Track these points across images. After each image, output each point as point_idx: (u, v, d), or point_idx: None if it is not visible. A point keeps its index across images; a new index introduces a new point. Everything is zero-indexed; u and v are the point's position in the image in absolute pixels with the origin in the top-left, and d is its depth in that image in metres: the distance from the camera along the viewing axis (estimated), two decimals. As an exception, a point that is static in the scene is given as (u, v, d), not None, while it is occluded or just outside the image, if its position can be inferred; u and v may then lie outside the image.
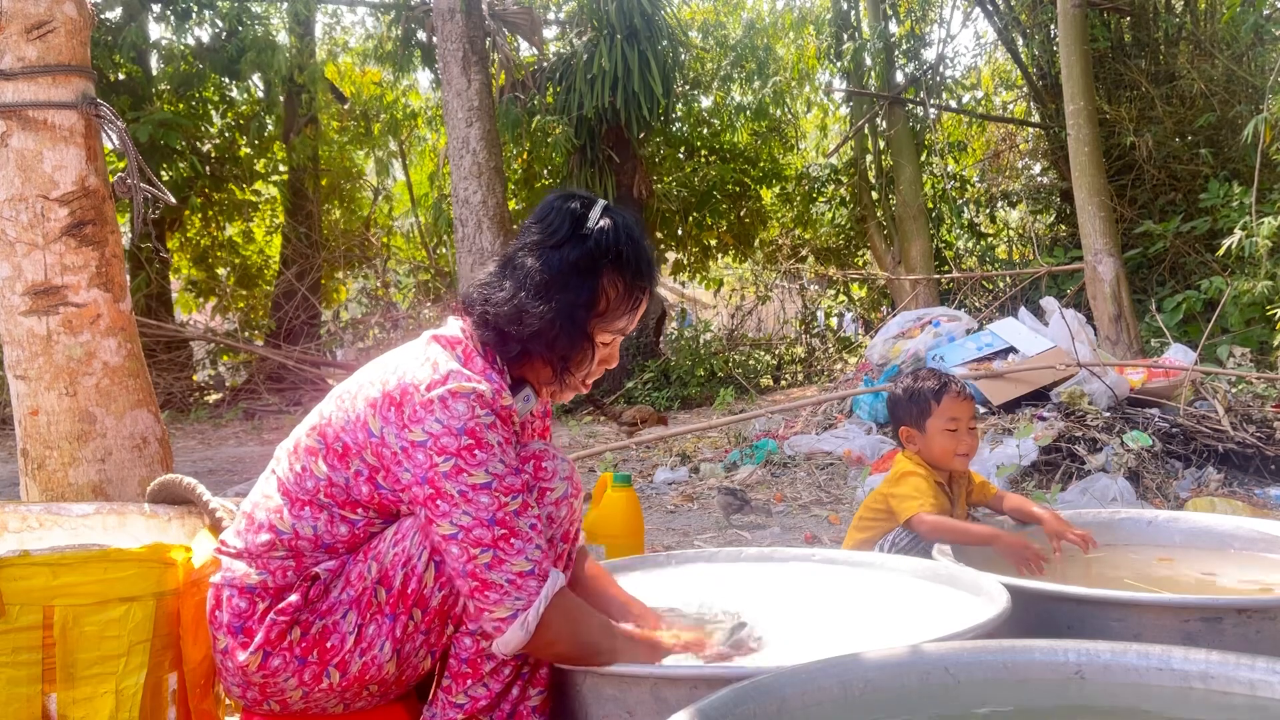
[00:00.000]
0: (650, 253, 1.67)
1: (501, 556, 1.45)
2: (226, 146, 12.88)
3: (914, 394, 2.60)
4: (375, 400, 1.53)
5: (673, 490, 4.98)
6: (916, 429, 2.59)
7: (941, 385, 2.58)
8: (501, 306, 1.58)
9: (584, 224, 1.61)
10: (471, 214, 8.51)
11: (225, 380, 12.20)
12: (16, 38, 2.45)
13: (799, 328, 13.25)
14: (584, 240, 1.59)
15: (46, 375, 2.48)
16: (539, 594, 1.46)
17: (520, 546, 1.46)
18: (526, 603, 1.45)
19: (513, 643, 1.47)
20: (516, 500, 1.48)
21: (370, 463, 1.54)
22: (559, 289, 1.58)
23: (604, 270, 1.60)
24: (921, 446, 2.58)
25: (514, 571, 1.45)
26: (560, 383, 1.66)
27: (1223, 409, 4.70)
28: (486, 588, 1.46)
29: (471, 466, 1.46)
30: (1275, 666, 1.23)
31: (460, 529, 1.46)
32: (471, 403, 1.47)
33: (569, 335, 1.58)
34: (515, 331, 1.58)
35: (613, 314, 1.62)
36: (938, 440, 2.55)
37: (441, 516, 1.47)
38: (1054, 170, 10.80)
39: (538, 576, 1.46)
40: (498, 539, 1.45)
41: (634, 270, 1.62)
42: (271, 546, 1.56)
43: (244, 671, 1.54)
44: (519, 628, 1.46)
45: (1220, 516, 2.61)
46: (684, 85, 12.41)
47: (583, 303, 1.58)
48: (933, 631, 1.54)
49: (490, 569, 1.45)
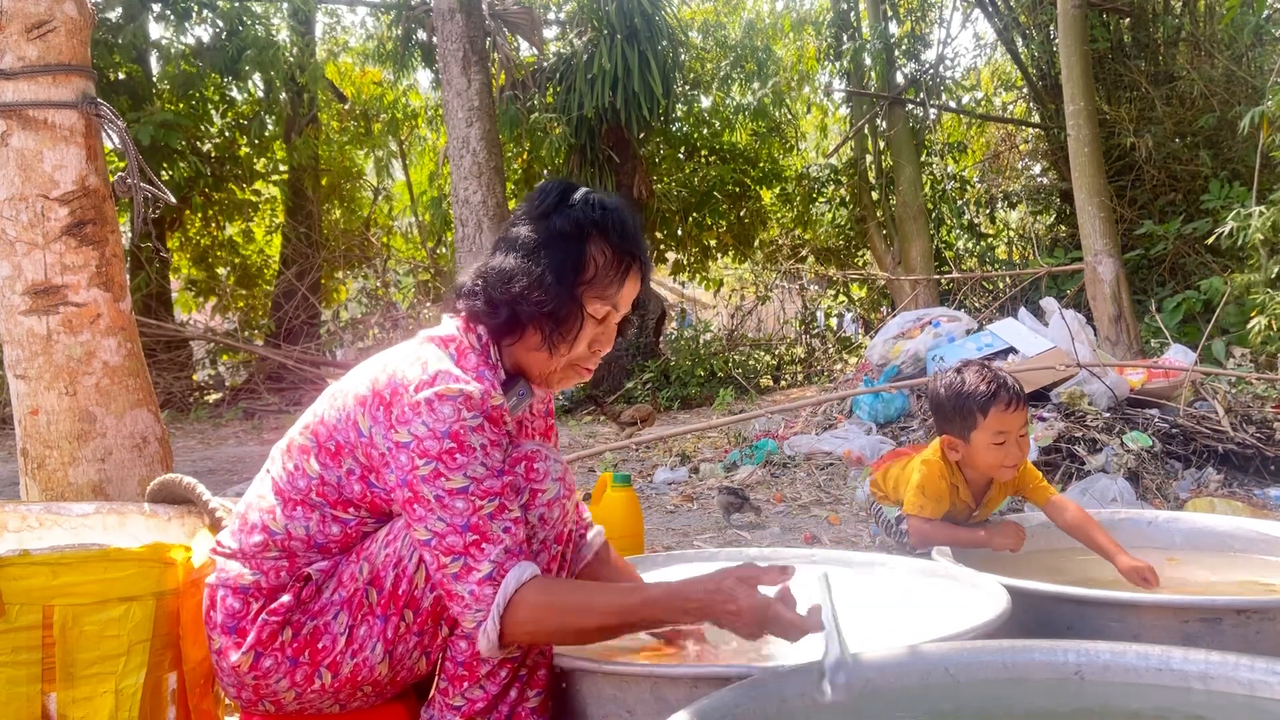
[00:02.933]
0: (637, 225, 1.68)
1: (470, 564, 1.45)
2: (227, 146, 12.87)
3: (959, 402, 2.34)
4: (365, 399, 1.54)
5: (673, 490, 4.98)
6: (960, 439, 2.36)
7: (991, 394, 2.29)
8: (492, 273, 1.61)
9: (570, 195, 1.65)
10: (471, 214, 8.51)
11: (225, 380, 12.19)
12: (17, 37, 2.45)
13: (799, 328, 13.25)
14: (570, 208, 1.63)
15: (46, 375, 2.48)
16: (492, 603, 1.45)
17: (487, 551, 1.46)
18: (484, 614, 1.46)
19: (485, 650, 1.49)
20: (493, 503, 1.48)
21: (361, 461, 1.54)
22: (546, 250, 1.60)
23: (590, 236, 1.61)
24: (965, 456, 2.37)
25: (475, 581, 1.45)
26: (551, 350, 1.62)
27: (1222, 409, 4.70)
28: (452, 598, 1.48)
29: (450, 470, 1.46)
30: (1274, 667, 1.23)
31: (434, 535, 1.46)
32: (458, 405, 1.47)
33: (558, 296, 1.58)
34: (505, 294, 1.59)
35: (601, 280, 1.61)
36: (984, 454, 2.33)
37: (418, 521, 1.48)
38: (1054, 171, 10.80)
39: (494, 581, 1.45)
40: (469, 545, 1.45)
41: (620, 235, 1.63)
42: (265, 547, 1.57)
43: (237, 672, 1.54)
44: (483, 638, 1.47)
45: (1220, 517, 2.61)
46: (684, 85, 12.41)
47: (570, 265, 1.60)
48: (933, 631, 1.54)
49: (457, 579, 1.46)
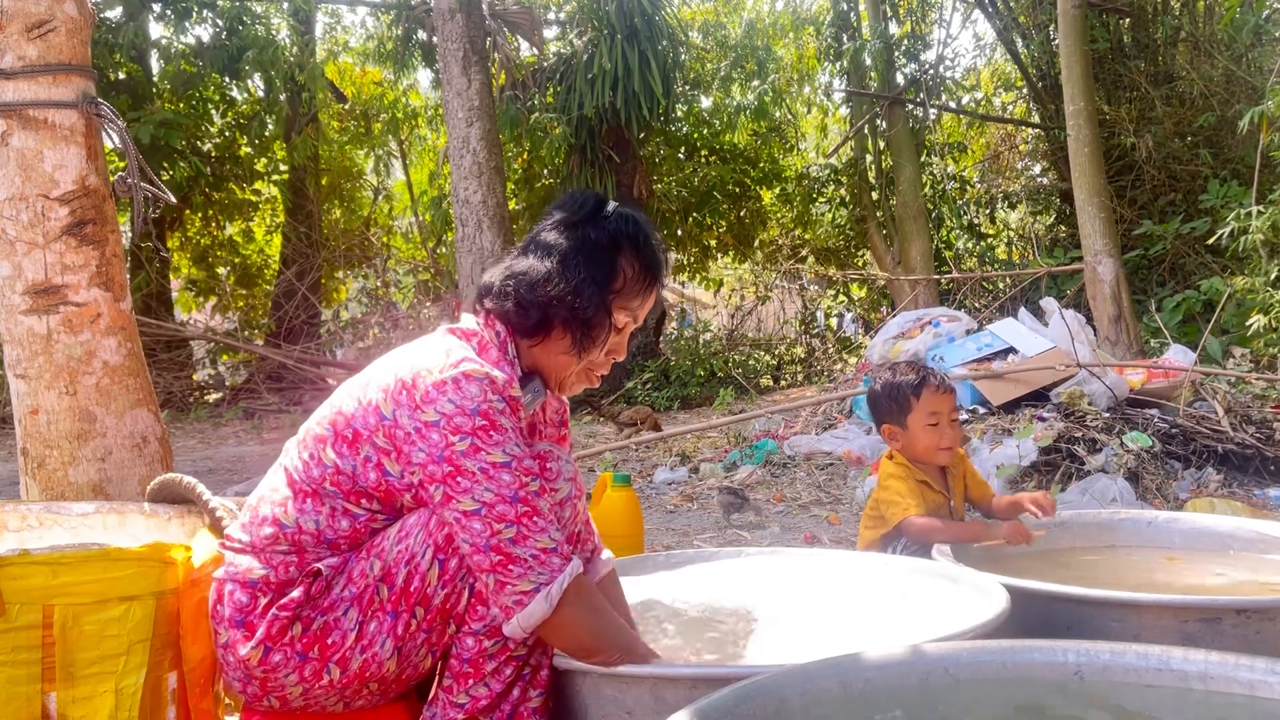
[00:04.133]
0: (661, 243, 1.75)
1: (525, 532, 1.47)
2: (227, 146, 12.88)
3: (893, 391, 2.55)
4: (388, 387, 1.55)
5: (673, 490, 4.98)
6: (898, 425, 2.54)
7: (920, 379, 2.52)
8: (525, 276, 1.65)
9: (604, 208, 1.70)
10: (471, 214, 8.51)
11: (225, 380, 12.19)
12: (17, 37, 2.45)
13: (799, 328, 13.26)
14: (605, 220, 1.68)
15: (46, 374, 2.48)
16: (563, 570, 1.48)
17: (543, 525, 1.49)
18: (550, 577, 1.47)
19: (535, 615, 1.47)
20: (535, 482, 1.51)
21: (381, 445, 1.54)
22: (583, 258, 1.65)
23: (623, 249, 1.67)
24: (905, 443, 2.54)
25: (538, 547, 1.47)
26: (578, 354, 1.67)
27: (1222, 409, 4.71)
28: (511, 561, 1.47)
29: (489, 445, 1.48)
30: (1275, 667, 1.23)
31: (483, 504, 1.47)
32: (484, 385, 1.50)
33: (592, 301, 1.63)
34: (539, 297, 1.63)
35: (628, 293, 1.68)
36: (920, 436, 2.51)
37: (463, 493, 1.47)
38: (1054, 171, 10.81)
39: (561, 555, 1.49)
40: (521, 515, 1.47)
41: (649, 253, 1.70)
42: (275, 540, 1.57)
43: (245, 666, 1.54)
44: (543, 599, 1.46)
45: (1220, 517, 2.61)
46: (684, 85, 12.41)
47: (603, 276, 1.65)
48: (933, 631, 1.54)
49: (515, 543, 1.47)
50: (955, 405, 2.57)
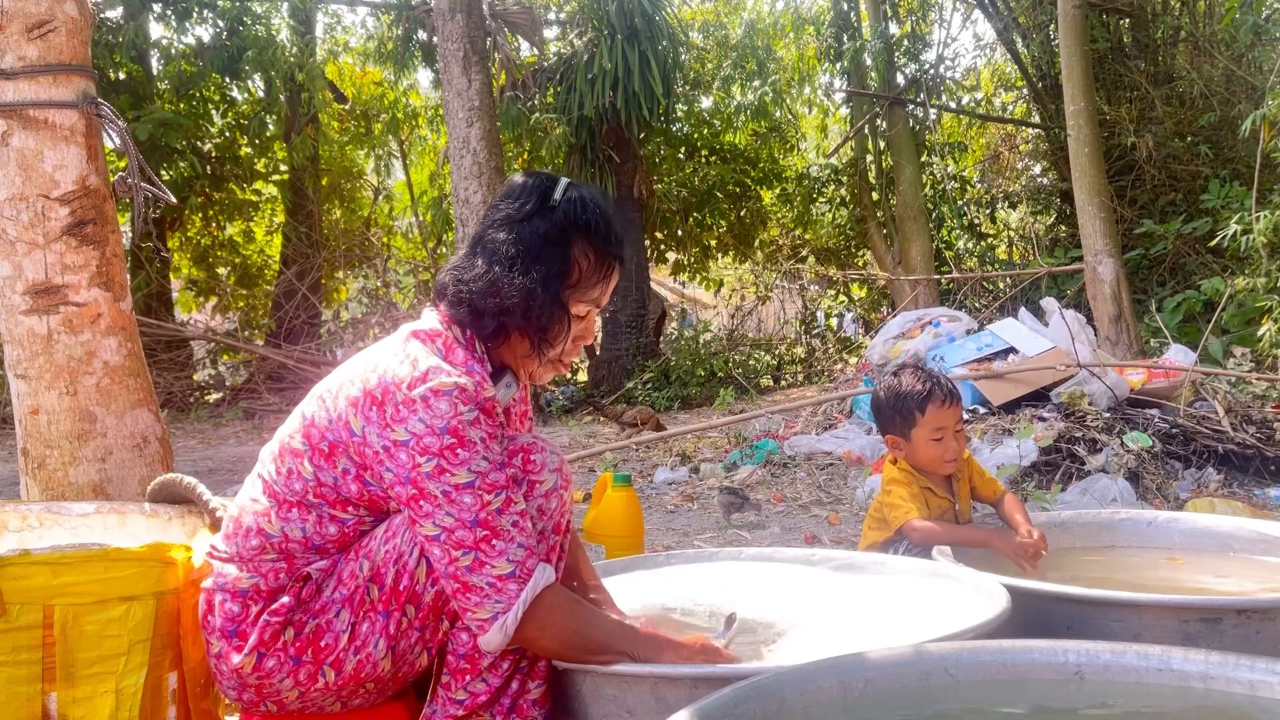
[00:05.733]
0: (618, 223, 1.68)
1: (482, 559, 1.46)
2: (227, 146, 12.88)
3: (897, 403, 2.51)
4: (356, 399, 1.52)
5: (673, 490, 4.98)
6: (901, 437, 2.52)
7: (926, 393, 2.47)
8: (475, 283, 1.59)
9: (551, 196, 1.62)
10: (472, 214, 8.50)
11: (225, 380, 12.19)
12: (17, 37, 2.45)
13: (799, 328, 13.27)
14: (552, 211, 1.61)
15: (47, 374, 2.48)
16: (518, 597, 1.46)
17: (502, 548, 1.46)
18: (506, 606, 1.46)
19: (494, 643, 1.49)
20: (500, 497, 1.48)
21: (355, 460, 1.53)
22: (532, 260, 1.58)
23: (574, 240, 1.61)
24: (907, 454, 2.53)
25: (494, 575, 1.46)
26: (539, 356, 1.64)
27: (1223, 410, 4.70)
28: (468, 590, 1.47)
29: (454, 466, 1.45)
30: (1275, 667, 1.23)
31: (443, 530, 1.46)
32: (454, 400, 1.47)
33: (545, 306, 1.58)
34: (491, 306, 1.58)
35: (586, 284, 1.63)
36: (924, 449, 2.48)
37: (424, 517, 1.47)
38: (1054, 171, 10.80)
39: (518, 579, 1.47)
40: (479, 540, 1.46)
41: (604, 239, 1.63)
42: (262, 550, 1.56)
43: (239, 674, 1.54)
44: (498, 630, 1.47)
45: (1220, 517, 2.61)
46: (684, 85, 12.42)
47: (556, 273, 1.59)
48: (933, 631, 1.54)
49: (471, 571, 1.46)
50: (961, 417, 2.54)
